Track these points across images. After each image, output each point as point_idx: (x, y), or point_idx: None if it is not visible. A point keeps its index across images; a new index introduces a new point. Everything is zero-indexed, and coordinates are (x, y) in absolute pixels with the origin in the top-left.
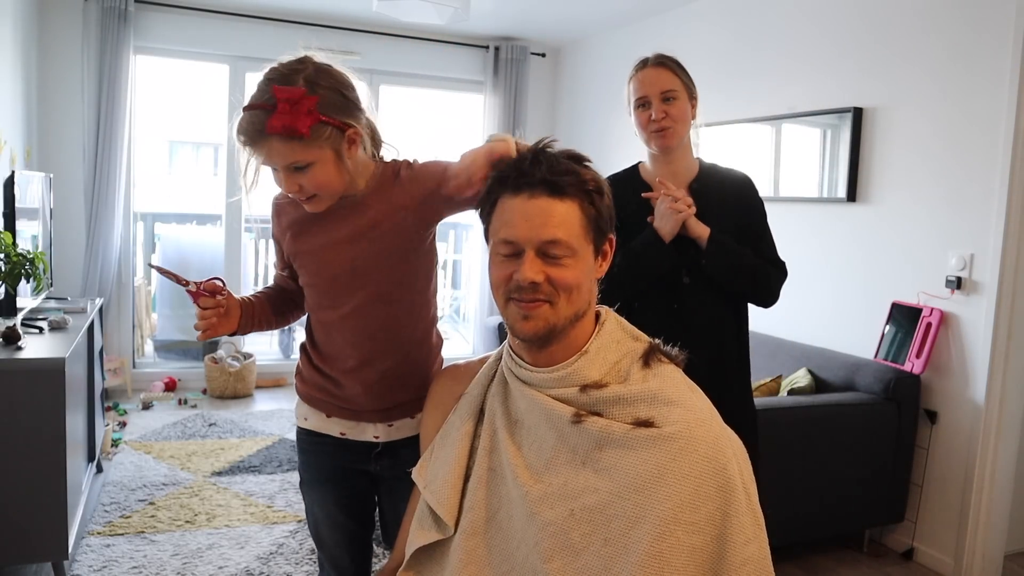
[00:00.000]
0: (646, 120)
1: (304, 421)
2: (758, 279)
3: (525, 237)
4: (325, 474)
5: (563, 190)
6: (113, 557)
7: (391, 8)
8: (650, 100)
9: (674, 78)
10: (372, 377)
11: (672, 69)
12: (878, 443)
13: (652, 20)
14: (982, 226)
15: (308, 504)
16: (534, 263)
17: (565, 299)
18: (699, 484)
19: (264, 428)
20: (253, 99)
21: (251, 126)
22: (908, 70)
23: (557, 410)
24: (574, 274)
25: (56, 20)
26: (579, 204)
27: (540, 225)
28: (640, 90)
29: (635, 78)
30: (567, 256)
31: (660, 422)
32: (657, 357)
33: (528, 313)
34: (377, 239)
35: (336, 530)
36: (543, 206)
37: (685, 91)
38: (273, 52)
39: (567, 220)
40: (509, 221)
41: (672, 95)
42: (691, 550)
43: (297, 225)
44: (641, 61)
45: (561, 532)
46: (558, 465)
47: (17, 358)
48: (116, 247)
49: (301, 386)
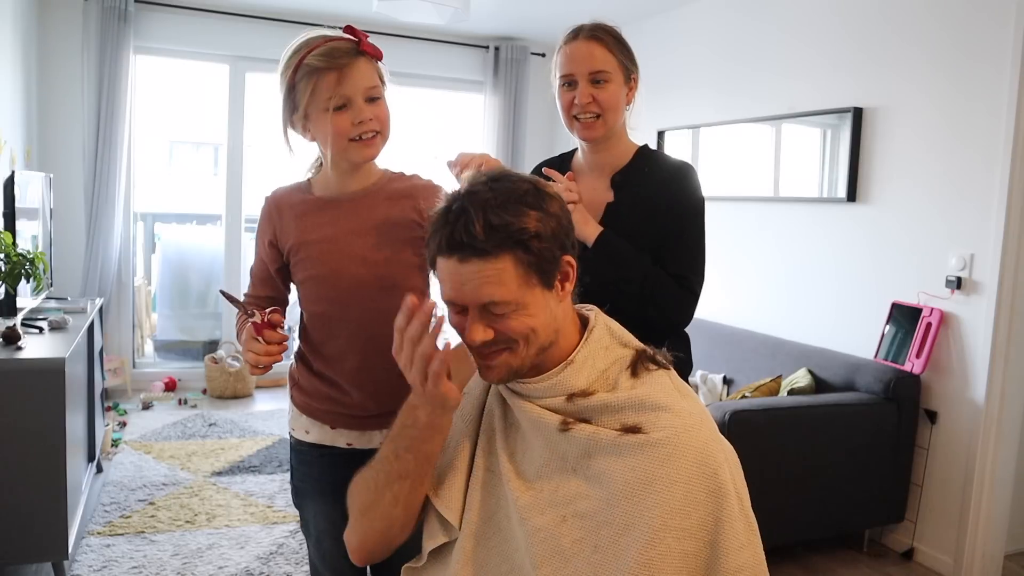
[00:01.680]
0: (569, 102)
1: (305, 435)
2: (645, 291)
3: (465, 300)
4: (332, 485)
5: (489, 252)
6: (113, 557)
7: (391, 8)
8: (576, 79)
9: (608, 56)
10: (375, 377)
11: (607, 45)
12: (878, 443)
13: (652, 20)
14: (982, 226)
15: (309, 517)
16: (478, 324)
17: (523, 343)
18: (689, 490)
19: (264, 428)
20: (319, 39)
21: (337, 49)
22: (908, 70)
23: (545, 419)
24: (522, 323)
25: (56, 20)
26: (512, 258)
27: (474, 289)
28: (566, 66)
29: (563, 50)
30: (511, 311)
31: (648, 428)
32: (645, 364)
33: (488, 364)
34: (387, 232)
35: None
36: (474, 270)
37: (621, 72)
38: (273, 52)
39: (501, 278)
40: (446, 281)
41: (604, 77)
42: (683, 556)
43: (305, 215)
44: (573, 30)
45: (551, 538)
46: (549, 473)
47: (17, 358)
48: (116, 247)
49: (300, 397)
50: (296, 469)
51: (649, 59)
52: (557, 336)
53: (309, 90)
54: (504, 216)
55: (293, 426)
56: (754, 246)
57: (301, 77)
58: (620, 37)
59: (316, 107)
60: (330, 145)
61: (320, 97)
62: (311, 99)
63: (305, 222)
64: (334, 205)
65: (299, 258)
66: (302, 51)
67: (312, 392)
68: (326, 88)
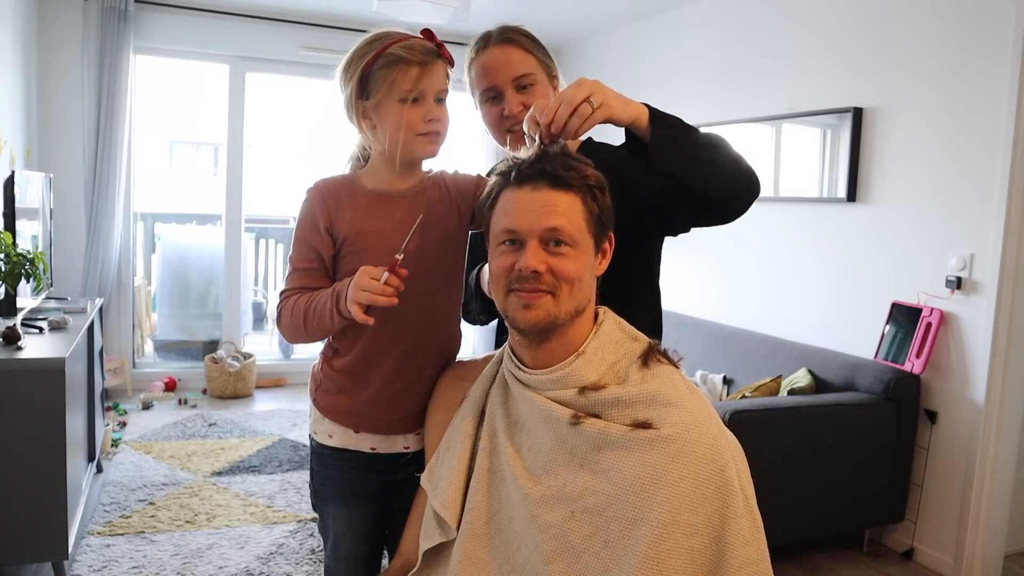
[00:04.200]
0: (497, 117)
1: (329, 439)
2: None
3: (528, 227)
4: (353, 489)
5: (566, 183)
6: (113, 557)
7: (391, 8)
8: (501, 90)
9: (527, 57)
10: (412, 373)
11: (523, 46)
12: (878, 443)
13: (652, 20)
14: (982, 226)
15: (328, 521)
16: (537, 252)
17: (567, 291)
18: (697, 486)
19: (264, 428)
20: (401, 35)
21: (422, 46)
22: (908, 70)
23: (556, 412)
24: (576, 266)
25: (56, 20)
26: (581, 198)
27: (543, 215)
28: (486, 79)
29: (476, 63)
30: (569, 246)
31: (658, 424)
32: (656, 358)
33: (530, 302)
34: (435, 226)
35: (364, 545)
36: (546, 197)
37: (543, 71)
38: (273, 52)
39: (570, 211)
40: (511, 211)
41: (528, 80)
42: (689, 552)
43: (363, 206)
44: (482, 38)
45: (562, 534)
46: (557, 467)
47: (17, 358)
48: (116, 247)
49: (325, 399)
50: (317, 472)
51: (649, 58)
52: (586, 307)
53: (389, 80)
54: (579, 164)
55: (315, 429)
56: (754, 246)
57: (381, 66)
58: (532, 35)
59: (391, 97)
60: (399, 136)
61: (398, 88)
62: (388, 88)
63: (364, 212)
64: (388, 200)
65: (352, 248)
66: (384, 41)
67: (337, 394)
68: (407, 80)
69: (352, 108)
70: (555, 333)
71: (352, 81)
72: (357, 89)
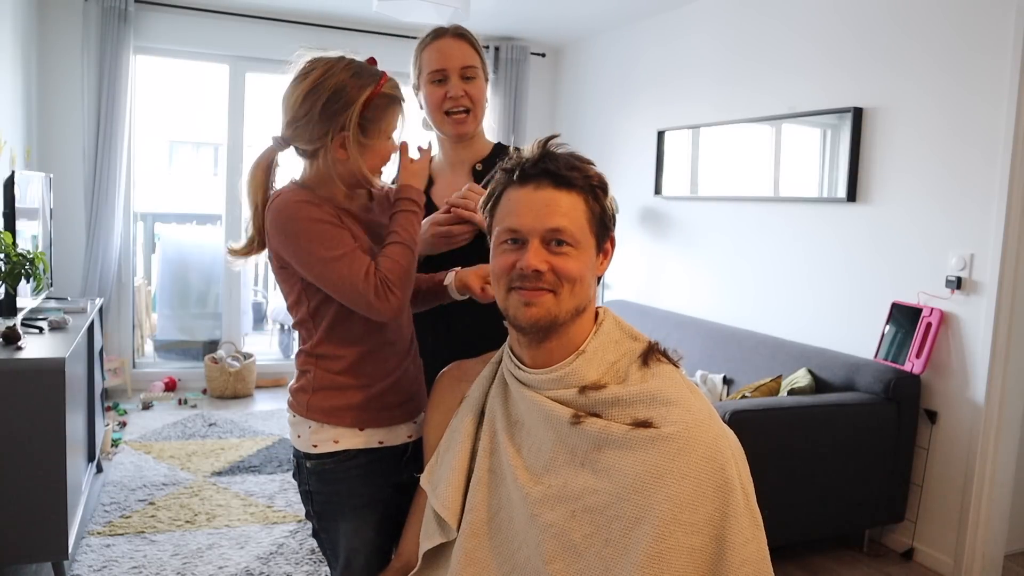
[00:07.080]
0: (441, 98)
1: (335, 444)
2: None
3: (530, 226)
4: (362, 500)
5: (569, 182)
6: (113, 557)
7: (391, 8)
8: (448, 75)
9: (474, 54)
10: (411, 359)
11: (473, 44)
12: (878, 443)
13: (652, 20)
14: (982, 226)
15: (338, 538)
16: (538, 252)
17: (568, 290)
18: (698, 484)
19: (264, 428)
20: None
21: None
22: (908, 70)
23: (556, 412)
24: (577, 265)
25: (56, 20)
26: (584, 198)
27: (546, 215)
28: (438, 61)
29: (432, 47)
30: (571, 246)
31: (659, 422)
32: (656, 357)
33: (531, 300)
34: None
35: (377, 554)
36: (548, 196)
37: (483, 70)
38: (273, 52)
39: (572, 211)
40: (514, 210)
41: (473, 72)
42: (690, 551)
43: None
44: (436, 30)
45: (563, 533)
46: (557, 466)
47: (17, 358)
48: (116, 247)
49: (326, 403)
50: (318, 493)
51: (649, 58)
52: (586, 307)
53: (386, 119)
54: (582, 163)
55: (315, 441)
56: (754, 246)
57: (383, 105)
58: (478, 40)
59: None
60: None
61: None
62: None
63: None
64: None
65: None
66: (375, 76)
67: (340, 395)
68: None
69: (329, 135)
70: (555, 332)
71: (350, 114)
72: (357, 123)
